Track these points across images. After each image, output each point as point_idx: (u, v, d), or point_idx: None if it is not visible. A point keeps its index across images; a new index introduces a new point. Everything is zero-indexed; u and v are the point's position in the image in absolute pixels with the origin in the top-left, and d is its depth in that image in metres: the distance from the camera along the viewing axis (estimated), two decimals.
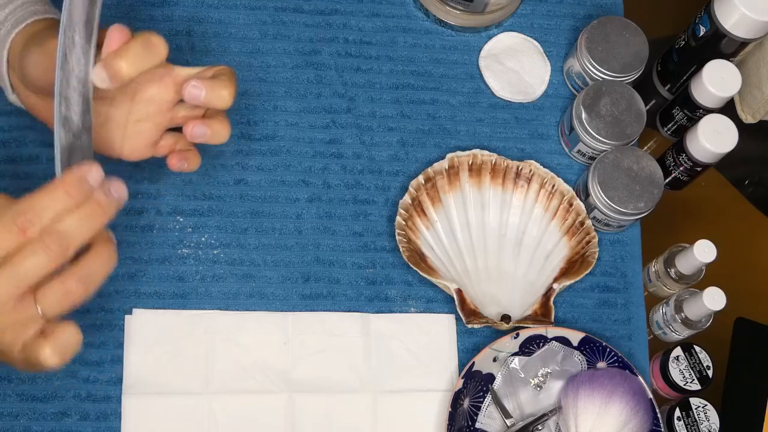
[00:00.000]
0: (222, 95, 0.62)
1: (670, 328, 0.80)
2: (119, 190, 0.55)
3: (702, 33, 0.81)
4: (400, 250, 0.76)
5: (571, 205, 0.80)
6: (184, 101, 0.64)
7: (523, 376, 0.74)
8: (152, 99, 0.65)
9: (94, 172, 0.54)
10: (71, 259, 0.53)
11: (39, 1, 0.66)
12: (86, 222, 0.52)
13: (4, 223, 0.51)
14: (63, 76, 0.56)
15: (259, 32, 0.83)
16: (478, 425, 0.72)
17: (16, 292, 0.51)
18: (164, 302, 0.73)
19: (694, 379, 0.77)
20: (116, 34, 0.59)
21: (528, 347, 0.74)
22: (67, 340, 0.54)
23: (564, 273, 0.78)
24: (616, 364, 0.74)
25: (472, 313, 0.74)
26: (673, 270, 0.81)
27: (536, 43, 0.87)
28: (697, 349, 0.78)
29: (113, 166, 0.76)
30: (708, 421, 0.76)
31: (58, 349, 0.53)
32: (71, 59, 0.57)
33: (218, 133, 0.65)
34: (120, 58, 0.58)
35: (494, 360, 0.74)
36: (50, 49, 0.59)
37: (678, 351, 0.78)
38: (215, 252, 0.76)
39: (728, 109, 0.85)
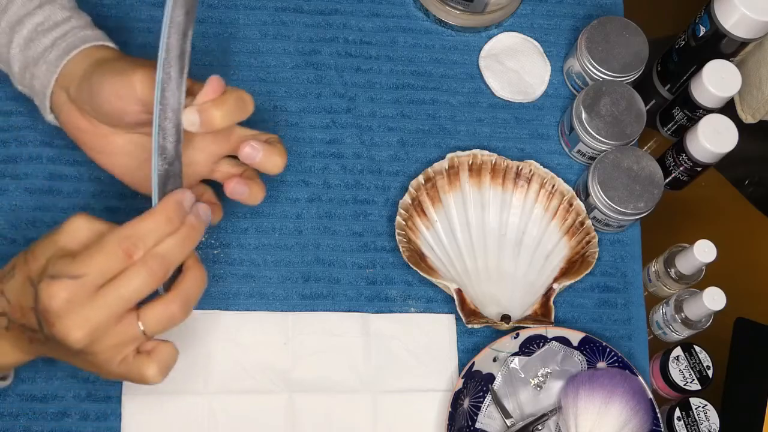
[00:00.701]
0: (276, 162, 0.66)
1: (670, 328, 0.80)
2: (206, 212, 0.60)
3: (702, 33, 0.81)
4: (400, 250, 0.76)
5: (571, 205, 0.80)
6: (227, 156, 0.68)
7: (523, 376, 0.74)
8: (205, 149, 0.67)
9: (188, 198, 0.58)
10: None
11: (87, 26, 0.68)
12: (183, 244, 0.57)
13: (110, 247, 0.54)
14: (161, 109, 0.59)
15: (259, 32, 0.83)
16: (478, 425, 0.72)
17: (122, 311, 0.55)
18: None
19: (694, 379, 0.77)
20: (215, 84, 0.62)
21: (528, 347, 0.74)
22: (169, 357, 0.59)
23: (564, 273, 0.78)
24: (616, 364, 0.74)
25: (472, 313, 0.74)
26: (673, 270, 0.81)
27: (536, 43, 0.87)
28: (697, 349, 0.78)
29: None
30: (708, 421, 0.76)
31: (161, 366, 0.58)
32: (167, 92, 0.60)
33: (255, 195, 0.68)
34: (216, 108, 0.61)
35: (494, 360, 0.74)
36: (132, 80, 0.62)
37: (678, 351, 0.78)
38: (215, 252, 0.76)
39: (728, 109, 0.85)
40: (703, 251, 0.77)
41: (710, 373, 0.78)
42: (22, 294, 0.56)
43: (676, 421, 0.76)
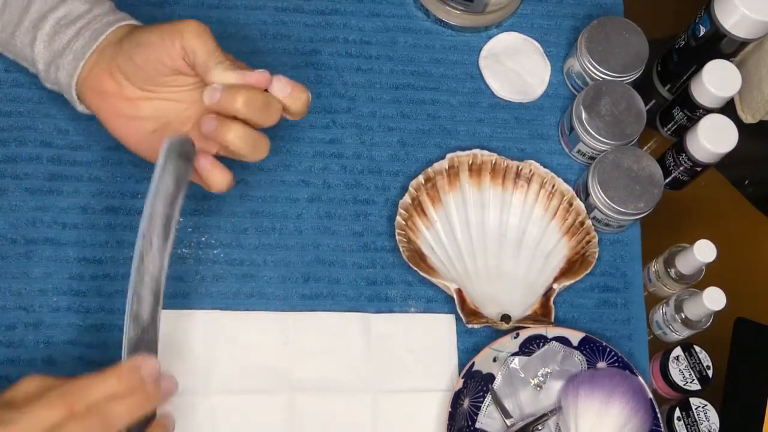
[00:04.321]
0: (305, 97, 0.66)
1: (670, 328, 0.80)
2: (169, 385, 0.60)
3: (702, 33, 0.81)
4: (400, 250, 0.76)
5: (571, 205, 0.80)
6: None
7: (523, 376, 0.74)
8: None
9: (149, 365, 0.58)
10: None
11: (110, 12, 0.68)
12: (131, 408, 0.56)
13: (52, 399, 0.54)
14: (138, 277, 0.60)
15: (259, 32, 0.83)
16: (478, 425, 0.72)
17: None
18: (164, 302, 0.73)
19: (694, 379, 0.77)
20: (260, 77, 0.63)
21: (528, 347, 0.74)
22: None
23: (564, 273, 0.78)
24: (616, 364, 0.74)
25: (472, 313, 0.74)
26: (673, 270, 0.81)
27: (536, 43, 0.87)
28: (697, 349, 0.78)
29: (115, 166, 0.76)
30: (708, 421, 0.76)
31: None
32: (146, 260, 0.60)
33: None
34: (240, 95, 0.62)
35: (494, 360, 0.74)
36: (180, 28, 0.62)
37: (678, 351, 0.78)
38: (215, 252, 0.76)
39: (728, 109, 0.85)
40: (703, 251, 0.77)
41: (710, 373, 0.77)
42: None
43: (676, 421, 0.76)
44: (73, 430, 0.53)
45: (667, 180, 0.84)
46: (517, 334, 0.74)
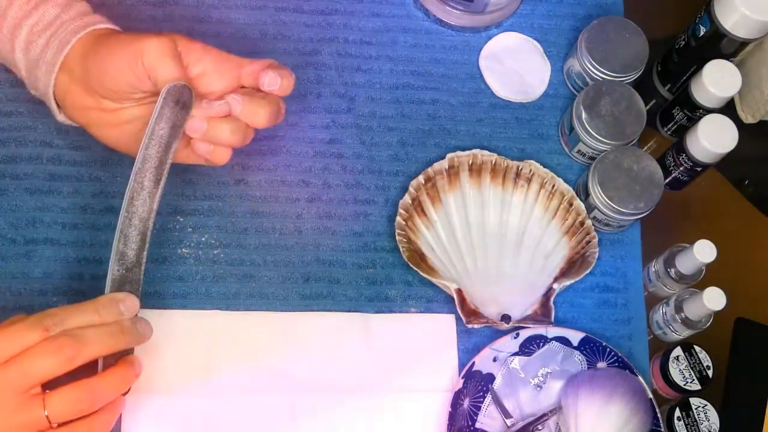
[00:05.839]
0: (290, 82, 0.67)
1: (670, 328, 0.80)
2: (145, 328, 0.61)
3: (702, 33, 0.81)
4: (400, 250, 0.76)
5: (571, 205, 0.80)
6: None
7: (523, 376, 0.74)
8: (210, 86, 0.67)
9: (128, 302, 0.59)
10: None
11: (78, 16, 0.67)
12: (103, 337, 0.57)
13: (29, 323, 0.55)
14: (126, 216, 0.61)
15: (259, 32, 0.83)
16: (478, 425, 0.72)
17: (24, 387, 0.54)
18: (164, 302, 0.73)
19: (694, 379, 0.77)
20: (219, 109, 0.64)
21: (528, 347, 0.74)
22: None
23: (564, 273, 0.78)
24: (616, 364, 0.74)
25: (472, 313, 0.74)
26: (673, 270, 0.81)
27: (536, 43, 0.87)
28: (697, 349, 0.78)
29: (115, 166, 0.76)
30: (708, 421, 0.76)
31: None
32: (137, 202, 0.62)
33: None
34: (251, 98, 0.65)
35: (494, 360, 0.74)
36: (139, 49, 0.62)
37: (678, 351, 0.78)
38: (215, 252, 0.76)
39: (728, 109, 0.84)
40: (703, 251, 0.77)
41: (710, 373, 0.77)
42: None
43: (676, 421, 0.76)
44: (45, 349, 0.54)
45: (667, 180, 0.84)
46: (517, 334, 0.74)
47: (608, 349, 0.75)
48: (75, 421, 0.56)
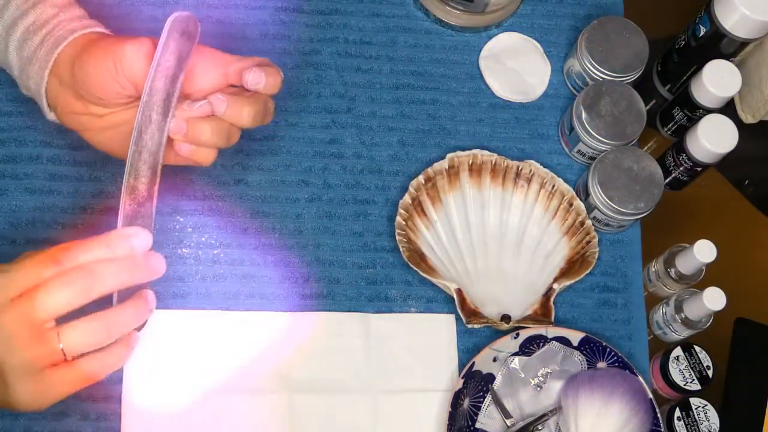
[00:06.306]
0: (277, 81, 0.65)
1: (670, 328, 0.80)
2: (158, 263, 0.58)
3: (702, 33, 0.81)
4: (400, 250, 0.76)
5: (571, 205, 0.80)
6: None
7: (523, 376, 0.74)
8: (197, 83, 0.66)
9: (141, 237, 0.57)
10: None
11: (75, 18, 0.67)
12: (116, 271, 0.55)
13: (42, 257, 0.54)
14: (136, 150, 0.60)
15: (259, 32, 0.83)
16: (478, 425, 0.72)
17: (36, 321, 0.53)
18: (164, 302, 0.73)
19: (694, 379, 0.77)
20: (201, 109, 0.63)
21: (528, 347, 0.74)
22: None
23: (564, 273, 0.78)
24: (616, 364, 0.74)
25: (472, 313, 0.74)
26: (673, 270, 0.81)
27: (536, 43, 0.87)
28: (697, 349, 0.78)
29: (115, 166, 0.76)
30: (708, 421, 0.76)
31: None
32: (145, 135, 0.60)
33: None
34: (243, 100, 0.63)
35: (494, 360, 0.74)
36: (119, 56, 0.61)
37: (678, 351, 0.78)
38: (215, 252, 0.76)
39: (728, 109, 0.85)
40: (703, 251, 0.77)
41: (710, 373, 0.77)
42: None
43: (676, 421, 0.76)
44: (57, 283, 0.53)
45: (667, 180, 0.84)
46: (517, 334, 0.74)
47: (608, 349, 0.75)
48: (89, 354, 0.56)
